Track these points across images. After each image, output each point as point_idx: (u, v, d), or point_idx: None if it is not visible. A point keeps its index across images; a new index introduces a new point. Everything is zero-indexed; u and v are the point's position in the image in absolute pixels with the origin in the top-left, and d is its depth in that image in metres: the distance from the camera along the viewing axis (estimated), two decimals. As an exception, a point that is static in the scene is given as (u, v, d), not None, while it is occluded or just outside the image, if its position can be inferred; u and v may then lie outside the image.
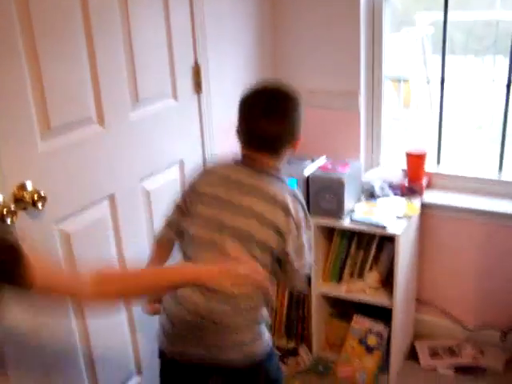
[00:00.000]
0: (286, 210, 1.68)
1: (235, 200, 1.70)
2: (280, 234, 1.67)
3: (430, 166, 2.75)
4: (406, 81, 5.48)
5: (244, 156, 1.75)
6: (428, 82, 2.55)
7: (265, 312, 1.80)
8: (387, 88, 2.74)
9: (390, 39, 2.82)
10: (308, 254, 1.78)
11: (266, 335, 1.81)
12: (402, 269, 2.47)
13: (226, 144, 2.58)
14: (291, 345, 2.85)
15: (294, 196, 1.73)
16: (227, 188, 1.72)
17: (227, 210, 1.70)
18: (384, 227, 2.39)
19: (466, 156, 3.17)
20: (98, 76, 1.88)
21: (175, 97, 2.26)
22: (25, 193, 1.65)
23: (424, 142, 2.83)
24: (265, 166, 1.73)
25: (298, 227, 1.70)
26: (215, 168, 1.82)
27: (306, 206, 1.78)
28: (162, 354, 1.85)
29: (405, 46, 5.33)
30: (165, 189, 2.23)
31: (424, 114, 2.96)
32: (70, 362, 1.95)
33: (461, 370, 2.67)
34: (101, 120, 1.92)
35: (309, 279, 2.65)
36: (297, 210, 1.71)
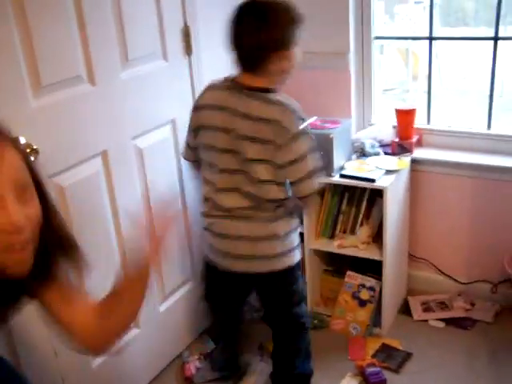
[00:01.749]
0: (277, 125, 1.82)
1: (233, 126, 1.86)
2: (277, 147, 1.83)
3: (421, 123, 2.80)
4: (413, 52, 5.51)
5: (236, 78, 1.90)
6: (436, 55, 2.57)
7: (293, 223, 2.02)
8: (394, 57, 2.78)
9: (398, 9, 2.86)
10: (314, 161, 1.91)
11: (292, 254, 2.02)
12: (391, 222, 2.53)
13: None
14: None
15: (286, 106, 1.85)
16: (225, 116, 1.88)
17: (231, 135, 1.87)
18: (372, 180, 2.44)
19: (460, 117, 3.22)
20: (88, 35, 1.94)
21: (165, 58, 2.31)
22: (18, 147, 1.73)
23: (416, 103, 2.87)
24: (253, 87, 1.85)
25: (293, 137, 1.84)
26: (210, 96, 1.97)
27: (300, 113, 1.89)
28: (209, 267, 2.12)
29: (412, 17, 5.33)
30: (158, 147, 2.30)
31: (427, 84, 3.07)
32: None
33: (452, 322, 2.74)
34: (91, 79, 1.99)
35: (301, 234, 2.71)
36: (289, 120, 1.84)
